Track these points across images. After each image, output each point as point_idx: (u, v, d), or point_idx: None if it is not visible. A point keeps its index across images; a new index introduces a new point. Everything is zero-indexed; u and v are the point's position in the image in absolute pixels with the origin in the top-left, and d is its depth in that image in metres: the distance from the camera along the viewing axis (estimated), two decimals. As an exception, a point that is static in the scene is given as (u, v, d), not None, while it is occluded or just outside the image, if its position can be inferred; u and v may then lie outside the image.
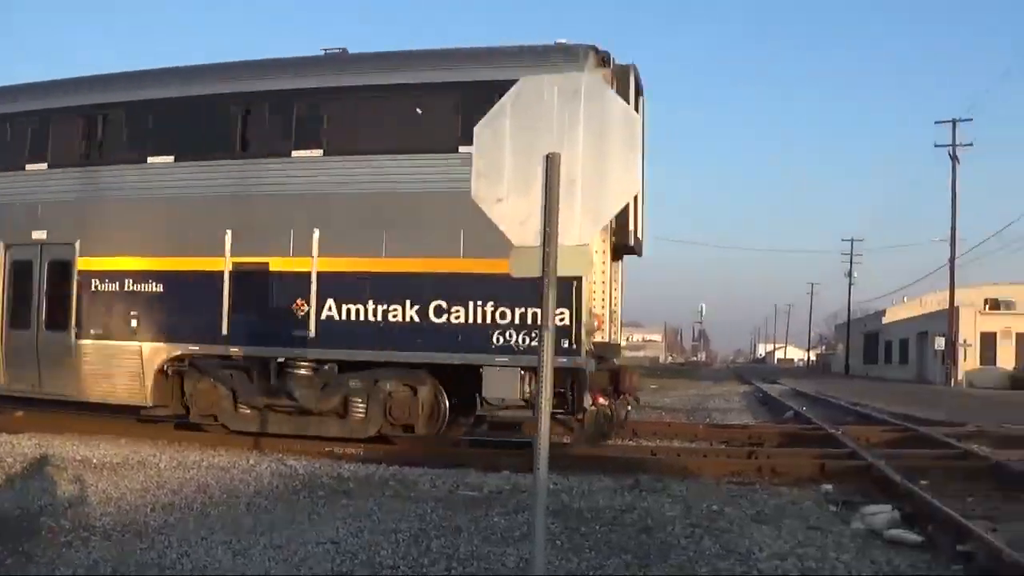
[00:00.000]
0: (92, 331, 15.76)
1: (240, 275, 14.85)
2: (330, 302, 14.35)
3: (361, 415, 14.57)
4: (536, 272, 6.05)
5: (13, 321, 16.53)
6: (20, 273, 16.54)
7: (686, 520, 9.45)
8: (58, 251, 16.21)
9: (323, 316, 14.36)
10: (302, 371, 14.56)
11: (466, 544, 8.25)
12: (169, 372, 15.38)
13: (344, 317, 14.30)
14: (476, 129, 6.38)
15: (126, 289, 15.59)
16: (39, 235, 16.34)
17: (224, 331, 14.83)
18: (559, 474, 11.55)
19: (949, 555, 8.21)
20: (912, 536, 8.92)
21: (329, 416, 14.75)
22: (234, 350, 14.88)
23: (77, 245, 15.99)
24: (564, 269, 6.04)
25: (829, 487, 11.81)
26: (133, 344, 15.39)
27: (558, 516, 9.41)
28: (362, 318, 14.21)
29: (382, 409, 14.53)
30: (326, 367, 14.59)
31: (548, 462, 5.96)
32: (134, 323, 15.43)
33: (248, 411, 15.09)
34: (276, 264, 14.67)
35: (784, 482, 12.24)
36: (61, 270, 16.17)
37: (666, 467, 12.81)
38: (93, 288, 15.85)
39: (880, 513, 9.78)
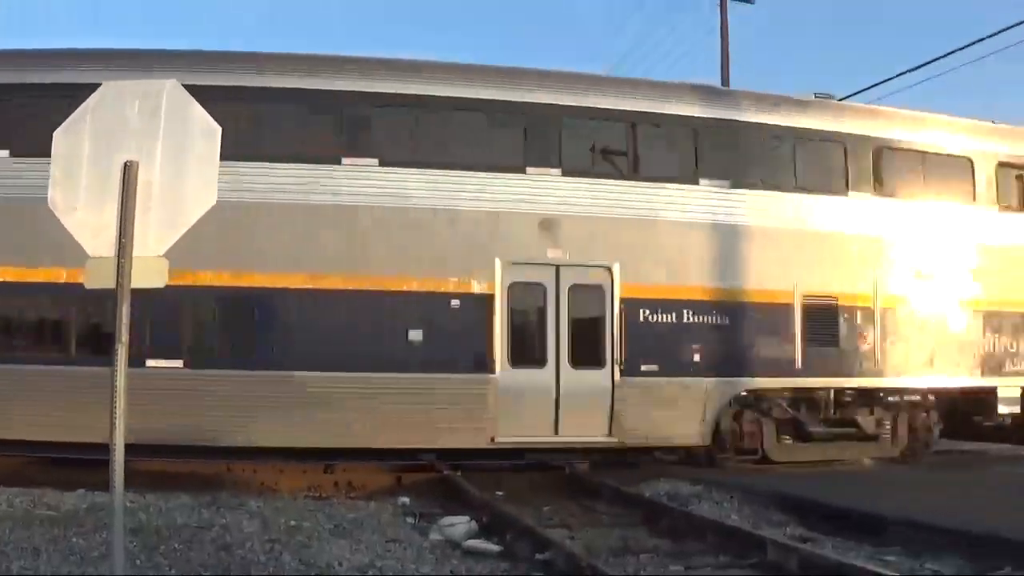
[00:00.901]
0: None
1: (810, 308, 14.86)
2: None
3: (888, 436, 15.10)
4: (110, 283, 5.81)
5: (517, 357, 13.85)
6: (526, 299, 14.04)
7: (264, 536, 8.88)
8: (583, 274, 14.13)
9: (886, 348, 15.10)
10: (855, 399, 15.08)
11: (46, 565, 7.49)
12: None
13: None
14: (55, 135, 6.00)
15: (685, 321, 14.32)
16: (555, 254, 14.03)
17: (799, 364, 14.65)
18: (136, 492, 10.53)
19: (528, 563, 8.27)
20: (491, 546, 8.94)
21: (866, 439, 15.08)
22: (810, 381, 14.79)
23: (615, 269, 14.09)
24: (139, 281, 5.85)
25: (406, 500, 11.71)
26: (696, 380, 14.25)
27: (137, 534, 8.62)
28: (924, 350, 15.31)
29: (906, 430, 15.17)
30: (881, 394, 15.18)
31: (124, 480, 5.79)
32: (696, 357, 14.24)
33: (790, 442, 14.91)
34: (843, 299, 15.06)
35: (361, 496, 11.99)
36: (590, 296, 13.98)
37: (243, 483, 12.26)
38: (640, 319, 14.08)
39: (458, 524, 9.76)
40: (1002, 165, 16.20)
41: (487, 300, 13.80)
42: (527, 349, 14.12)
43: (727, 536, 8.98)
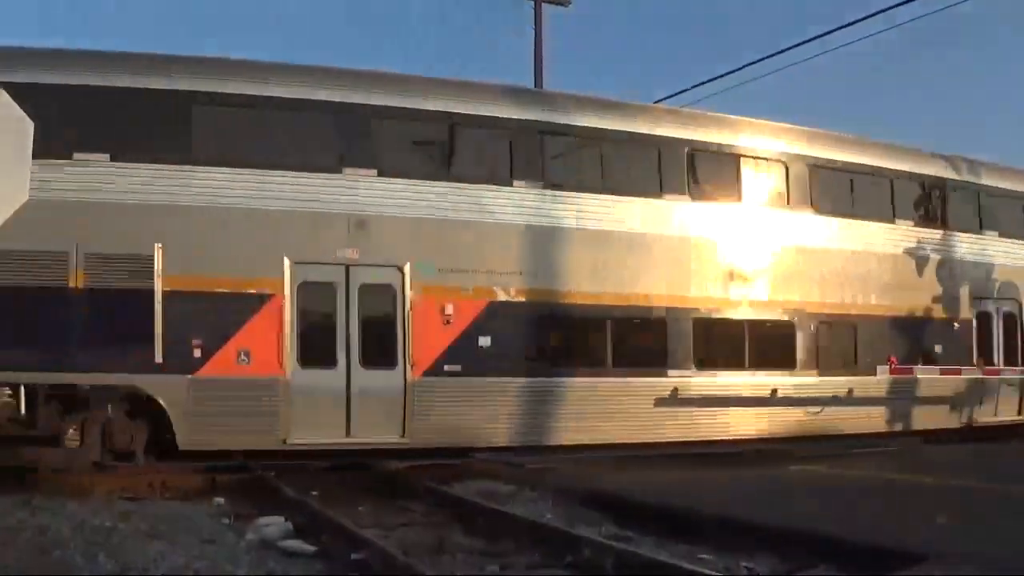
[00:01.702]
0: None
1: None
2: None
3: None
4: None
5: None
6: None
7: (81, 537, 8.74)
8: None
9: None
10: None
11: None
12: None
13: None
14: None
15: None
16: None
17: None
18: None
19: (344, 563, 8.39)
20: (306, 546, 9.01)
21: None
22: None
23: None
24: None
25: (221, 500, 11.65)
26: None
27: None
28: None
29: None
30: None
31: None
32: None
33: None
34: None
35: (176, 496, 11.87)
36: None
37: (57, 484, 11.89)
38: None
39: (273, 524, 9.78)
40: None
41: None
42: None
43: (542, 535, 9.26)
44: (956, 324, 18.90)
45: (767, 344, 16.99)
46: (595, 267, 15.61)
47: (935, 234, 19.00)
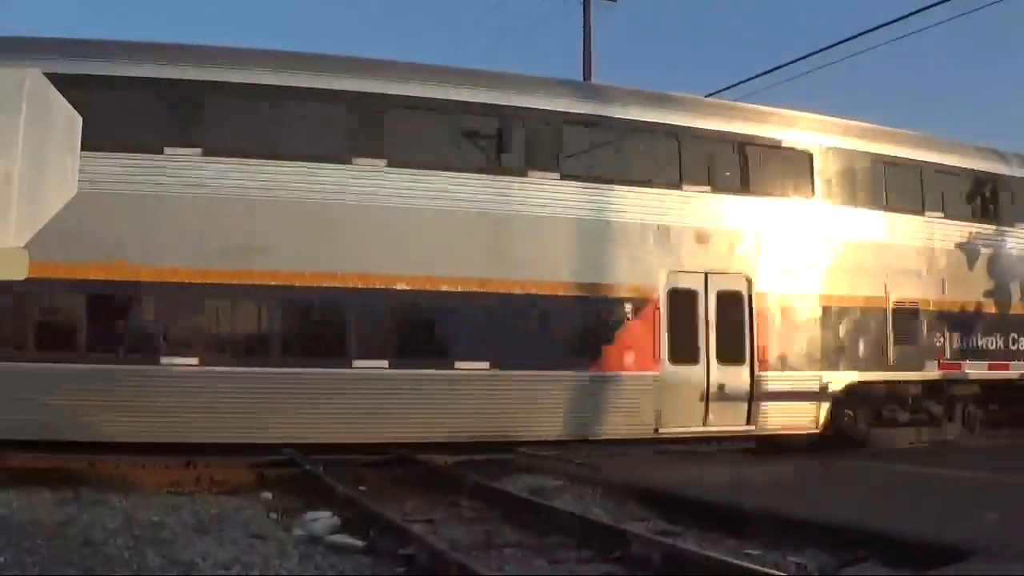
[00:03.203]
0: None
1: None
2: None
3: None
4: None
5: None
6: None
7: (128, 532, 8.76)
8: None
9: None
10: None
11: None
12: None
13: None
14: None
15: None
16: None
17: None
18: None
19: (392, 558, 8.34)
20: (354, 541, 8.98)
21: None
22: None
23: None
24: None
25: (269, 495, 11.65)
26: None
27: (0, 531, 8.46)
28: None
29: None
30: None
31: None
32: None
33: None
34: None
35: (224, 491, 11.86)
36: None
37: (105, 479, 11.98)
38: None
39: (321, 519, 9.76)
40: None
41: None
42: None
43: (591, 530, 9.19)
44: None
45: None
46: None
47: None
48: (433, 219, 14.33)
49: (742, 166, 16.49)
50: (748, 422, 15.54)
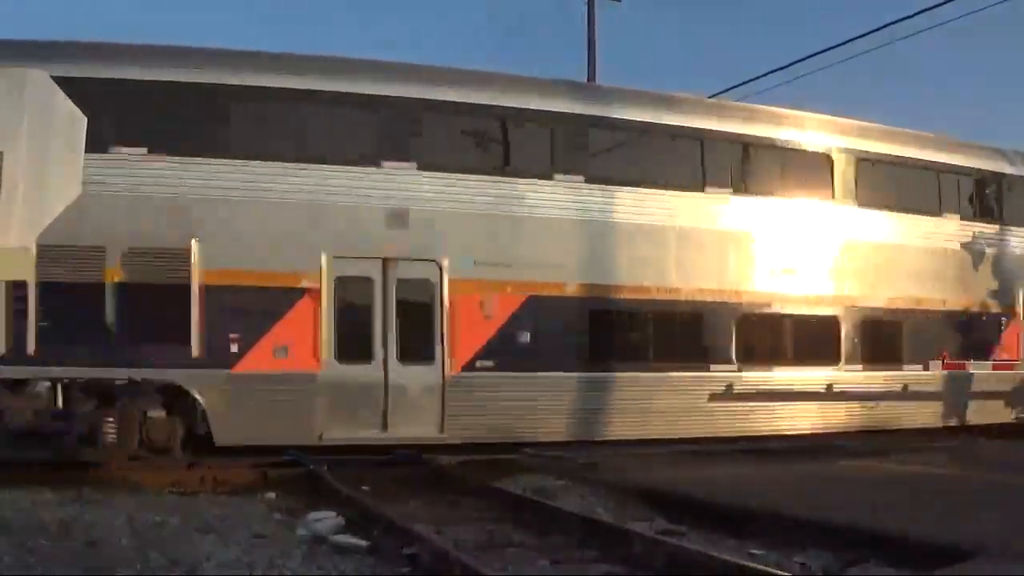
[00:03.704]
0: None
1: None
2: None
3: None
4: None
5: None
6: None
7: (131, 532, 8.80)
8: None
9: None
10: None
11: None
12: None
13: None
14: None
15: None
16: None
17: None
18: None
19: (395, 558, 8.34)
20: (358, 541, 8.97)
21: None
22: None
23: None
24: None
25: (272, 495, 11.67)
26: None
27: (3, 531, 8.51)
28: None
29: None
30: None
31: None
32: None
33: None
34: None
35: (226, 491, 11.89)
36: None
37: (107, 478, 12.02)
38: None
39: (324, 519, 9.76)
40: None
41: None
42: None
43: (593, 530, 9.18)
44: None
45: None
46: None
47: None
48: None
49: None
50: None
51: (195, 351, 13.26)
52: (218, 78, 13.84)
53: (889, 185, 17.98)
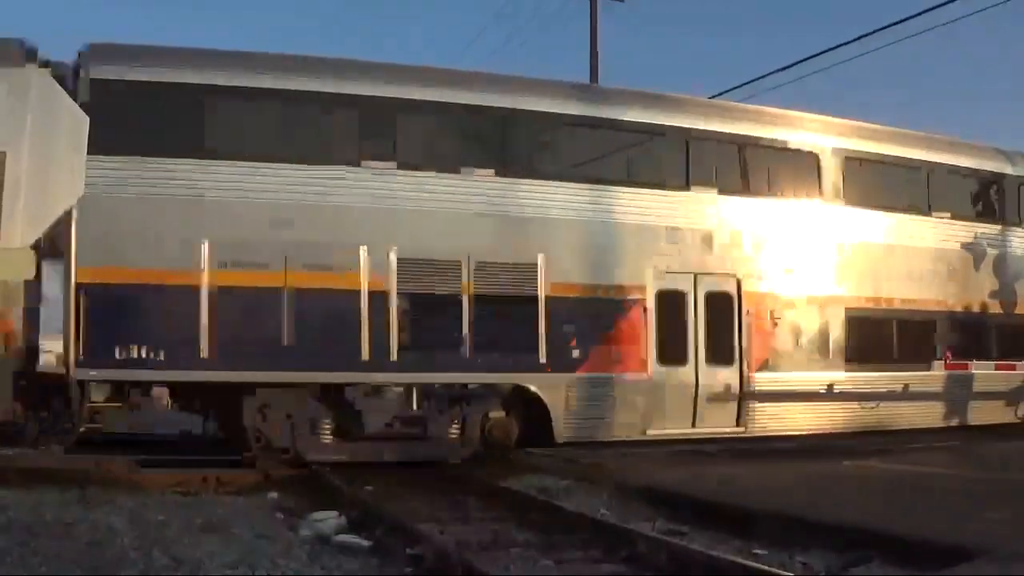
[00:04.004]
0: None
1: None
2: None
3: None
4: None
5: None
6: None
7: (134, 532, 8.78)
8: None
9: None
10: None
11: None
12: None
13: None
14: None
15: None
16: None
17: None
18: (2, 488, 10.47)
19: (399, 557, 8.34)
20: (361, 541, 8.98)
21: None
22: None
23: None
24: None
25: (275, 495, 11.65)
26: None
27: (6, 531, 8.50)
28: None
29: None
30: None
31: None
32: None
33: None
34: None
35: (229, 491, 11.89)
36: None
37: (111, 479, 12.05)
38: None
39: (327, 519, 9.78)
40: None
41: None
42: None
43: (597, 530, 9.19)
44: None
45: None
46: None
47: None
48: None
49: None
50: None
51: (542, 357, 14.26)
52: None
53: None
